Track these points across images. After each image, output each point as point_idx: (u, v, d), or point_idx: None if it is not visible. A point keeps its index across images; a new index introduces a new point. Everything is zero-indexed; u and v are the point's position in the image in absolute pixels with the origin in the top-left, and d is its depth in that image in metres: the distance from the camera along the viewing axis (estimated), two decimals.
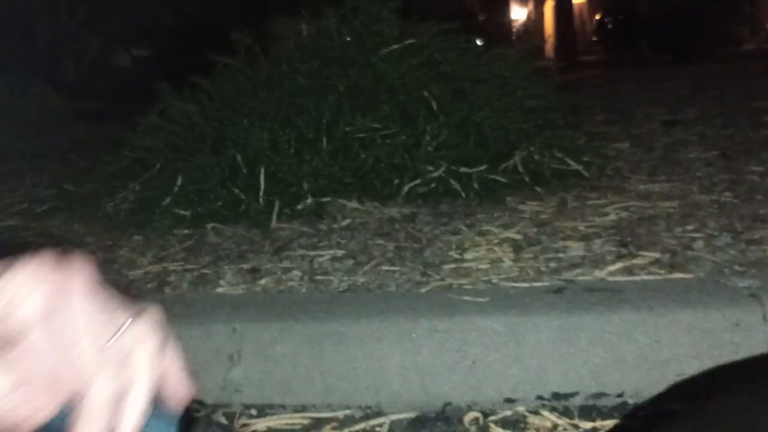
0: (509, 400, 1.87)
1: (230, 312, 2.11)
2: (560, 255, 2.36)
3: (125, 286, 2.42)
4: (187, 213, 3.12)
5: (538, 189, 3.16)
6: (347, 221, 2.96)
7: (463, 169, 3.17)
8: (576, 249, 2.40)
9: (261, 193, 3.10)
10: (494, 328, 1.90)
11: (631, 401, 1.83)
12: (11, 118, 6.16)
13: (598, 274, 2.17)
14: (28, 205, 3.82)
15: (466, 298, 2.05)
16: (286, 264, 2.51)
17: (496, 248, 2.47)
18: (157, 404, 0.58)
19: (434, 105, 3.33)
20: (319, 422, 1.88)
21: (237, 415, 1.92)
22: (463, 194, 3.11)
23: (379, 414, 1.89)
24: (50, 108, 6.50)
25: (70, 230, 3.26)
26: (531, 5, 22.24)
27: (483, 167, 3.19)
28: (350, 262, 2.48)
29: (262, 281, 2.37)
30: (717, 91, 5.94)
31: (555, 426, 1.79)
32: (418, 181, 3.16)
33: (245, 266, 2.53)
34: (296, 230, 2.90)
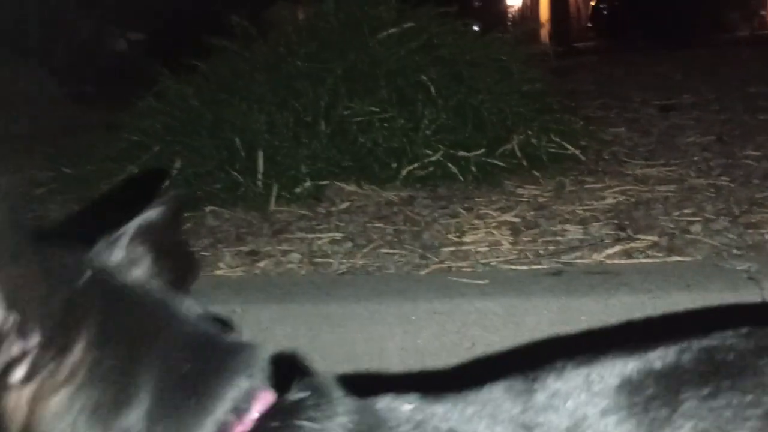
0: None
1: (230, 294, 2.11)
2: (558, 238, 2.37)
3: None
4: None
5: (536, 173, 3.16)
6: (345, 204, 2.97)
7: (461, 153, 3.18)
8: (574, 232, 2.41)
9: (259, 176, 3.10)
10: (493, 310, 1.92)
11: None
12: (4, 100, 6.13)
13: (597, 257, 2.18)
14: (26, 189, 3.80)
15: (465, 280, 2.06)
16: (285, 246, 2.51)
17: (494, 231, 2.48)
18: None
19: (432, 89, 3.33)
20: None
21: None
22: (461, 178, 3.11)
23: None
24: (44, 90, 6.47)
25: (68, 213, 3.25)
26: None
27: (481, 151, 3.19)
28: (349, 244, 2.48)
29: (261, 264, 2.38)
30: (711, 76, 5.94)
31: None
32: (416, 165, 3.16)
33: (244, 249, 2.53)
34: (295, 213, 2.90)
